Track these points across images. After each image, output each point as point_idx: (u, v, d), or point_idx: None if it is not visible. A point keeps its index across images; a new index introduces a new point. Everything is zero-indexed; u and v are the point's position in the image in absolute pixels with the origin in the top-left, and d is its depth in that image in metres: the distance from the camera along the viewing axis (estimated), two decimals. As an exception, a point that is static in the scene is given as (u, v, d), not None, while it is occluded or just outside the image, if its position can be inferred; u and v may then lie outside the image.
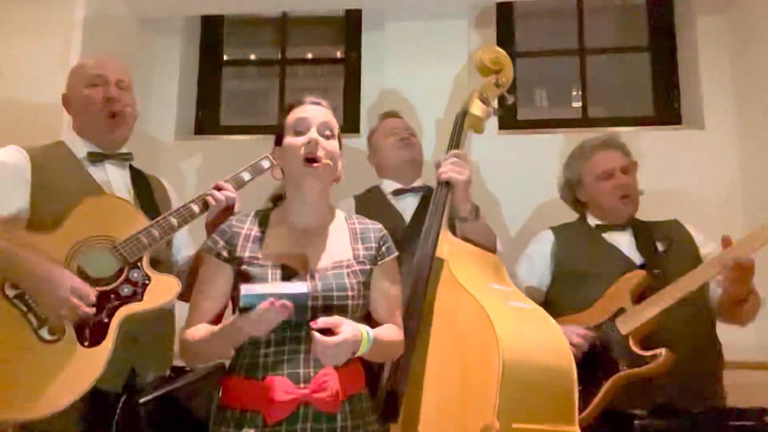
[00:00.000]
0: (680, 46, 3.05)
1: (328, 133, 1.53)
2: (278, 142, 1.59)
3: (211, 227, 1.78)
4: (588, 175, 2.17)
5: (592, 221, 2.18)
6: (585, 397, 1.82)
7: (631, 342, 1.84)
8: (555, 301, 2.10)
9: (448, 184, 1.84)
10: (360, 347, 1.36)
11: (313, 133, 1.50)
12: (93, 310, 1.57)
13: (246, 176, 1.88)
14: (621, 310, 1.90)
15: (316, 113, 1.54)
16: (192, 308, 1.49)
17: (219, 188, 1.82)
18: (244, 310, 1.28)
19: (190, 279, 1.77)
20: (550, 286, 2.13)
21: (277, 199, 1.62)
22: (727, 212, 2.63)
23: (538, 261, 2.15)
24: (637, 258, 2.01)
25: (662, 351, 1.78)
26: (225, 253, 1.48)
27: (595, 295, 1.96)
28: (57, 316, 1.56)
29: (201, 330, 1.43)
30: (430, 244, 1.74)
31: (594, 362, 1.85)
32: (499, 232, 2.08)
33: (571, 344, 1.84)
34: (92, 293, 1.58)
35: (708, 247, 2.03)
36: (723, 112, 2.80)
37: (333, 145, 1.53)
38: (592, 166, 2.16)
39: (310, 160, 1.48)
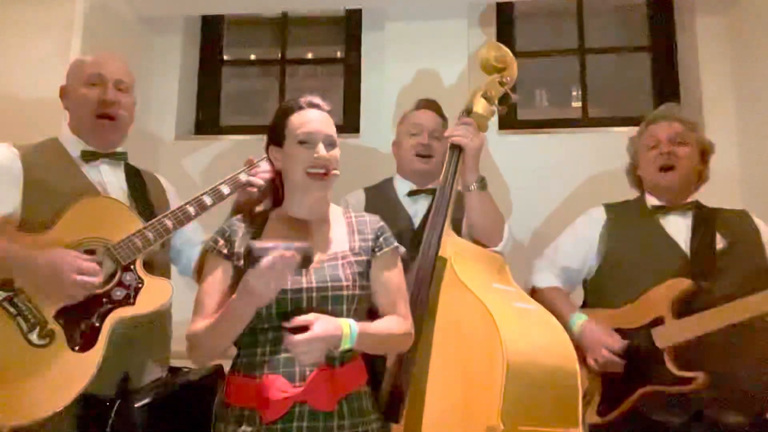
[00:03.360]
0: (680, 46, 3.05)
1: (331, 142, 1.55)
2: (275, 141, 1.59)
3: (242, 208, 1.78)
4: (641, 147, 2.07)
5: (651, 201, 2.03)
6: (609, 402, 1.80)
7: (666, 357, 1.75)
8: (594, 290, 2.03)
9: (459, 149, 1.85)
10: (341, 342, 1.36)
11: (321, 150, 1.51)
12: (100, 279, 1.56)
13: (243, 177, 1.82)
14: (660, 319, 1.79)
15: (320, 126, 1.55)
16: (196, 306, 1.51)
17: (250, 165, 1.80)
18: (255, 260, 1.29)
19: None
20: (594, 274, 2.03)
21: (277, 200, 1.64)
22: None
23: (583, 243, 2.05)
24: (689, 253, 1.87)
25: (699, 376, 1.68)
26: (225, 251, 1.50)
27: (637, 293, 1.85)
28: (68, 298, 1.54)
29: (207, 321, 1.44)
30: (440, 218, 1.76)
31: (623, 369, 1.79)
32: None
33: (594, 359, 1.81)
34: (95, 264, 1.56)
35: None
36: (723, 112, 2.80)
37: (336, 153, 1.56)
38: (644, 137, 2.06)
39: (319, 174, 1.51)
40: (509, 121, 3.03)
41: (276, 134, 1.58)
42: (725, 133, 2.77)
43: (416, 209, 2.16)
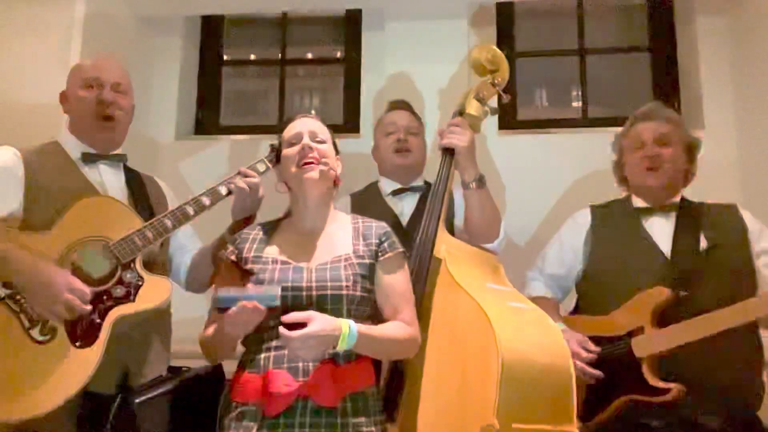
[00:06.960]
0: (680, 46, 3.05)
1: (318, 139, 1.62)
2: (279, 159, 1.69)
3: (237, 220, 1.82)
4: (626, 147, 2.06)
5: (636, 202, 2.02)
6: (590, 409, 1.80)
7: (644, 368, 1.74)
8: (583, 294, 2.03)
9: (450, 152, 1.88)
10: (338, 341, 1.36)
11: (305, 140, 1.59)
12: (89, 307, 1.57)
13: (239, 178, 1.81)
14: (640, 328, 1.78)
15: (305, 124, 1.64)
16: (210, 312, 1.58)
17: (241, 175, 1.81)
18: (221, 311, 1.37)
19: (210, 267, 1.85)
20: (582, 279, 2.03)
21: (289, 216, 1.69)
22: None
23: (568, 250, 2.05)
24: (671, 257, 1.86)
25: (675, 386, 1.68)
26: (233, 257, 1.57)
27: (621, 298, 1.84)
28: (52, 315, 1.55)
29: (209, 331, 1.52)
30: (434, 220, 1.77)
31: (602, 378, 1.80)
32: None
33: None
34: (88, 291, 1.57)
35: (763, 242, 1.86)
36: (723, 112, 2.80)
37: (325, 147, 1.61)
38: (629, 137, 2.04)
39: (306, 162, 1.56)
40: (509, 121, 3.03)
41: (279, 153, 1.69)
42: (725, 133, 2.78)
43: (402, 207, 2.19)
